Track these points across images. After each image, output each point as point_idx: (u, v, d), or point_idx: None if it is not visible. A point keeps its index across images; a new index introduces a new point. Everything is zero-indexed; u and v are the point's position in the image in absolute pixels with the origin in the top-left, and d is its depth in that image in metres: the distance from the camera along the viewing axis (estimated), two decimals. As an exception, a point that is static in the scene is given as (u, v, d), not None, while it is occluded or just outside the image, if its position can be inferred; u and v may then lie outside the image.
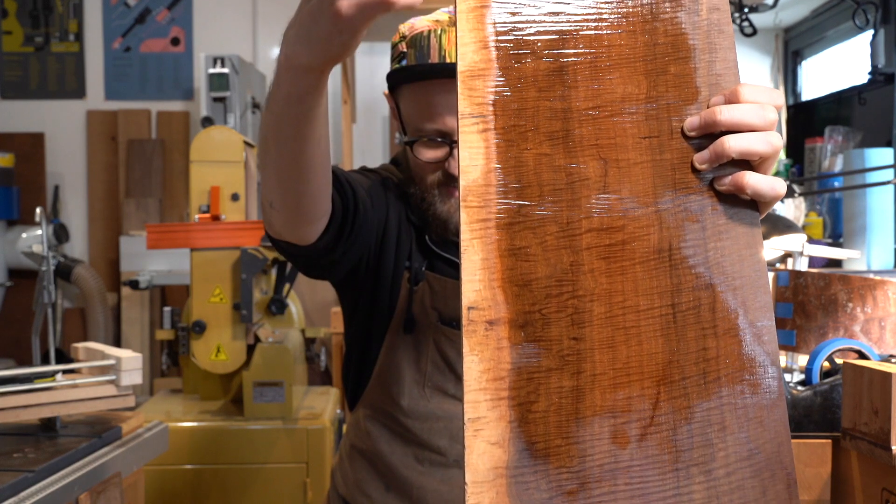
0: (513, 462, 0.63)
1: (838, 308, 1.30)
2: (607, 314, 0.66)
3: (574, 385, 0.65)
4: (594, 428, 0.64)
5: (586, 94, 0.68)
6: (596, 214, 0.67)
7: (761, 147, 0.69)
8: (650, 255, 0.67)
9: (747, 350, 0.67)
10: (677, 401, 0.66)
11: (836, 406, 1.14)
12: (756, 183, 0.68)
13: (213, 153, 2.42)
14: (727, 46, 0.70)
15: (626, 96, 0.69)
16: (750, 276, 0.68)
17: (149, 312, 4.19)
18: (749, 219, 0.69)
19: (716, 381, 0.67)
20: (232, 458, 2.33)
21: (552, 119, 0.67)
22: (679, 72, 0.70)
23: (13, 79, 4.50)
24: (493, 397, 0.63)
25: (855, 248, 2.12)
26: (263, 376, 2.36)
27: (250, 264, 2.33)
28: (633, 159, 0.68)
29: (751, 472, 0.66)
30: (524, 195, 0.66)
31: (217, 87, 3.61)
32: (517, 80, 0.68)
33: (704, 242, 0.68)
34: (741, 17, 2.82)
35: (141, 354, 1.43)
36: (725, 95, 0.70)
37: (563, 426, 0.64)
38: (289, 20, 0.79)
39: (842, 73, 3.00)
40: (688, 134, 0.69)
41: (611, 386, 0.65)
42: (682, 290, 0.67)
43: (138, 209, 4.29)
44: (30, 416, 1.35)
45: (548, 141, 0.67)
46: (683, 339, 0.67)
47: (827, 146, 2.67)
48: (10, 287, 4.26)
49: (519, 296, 0.65)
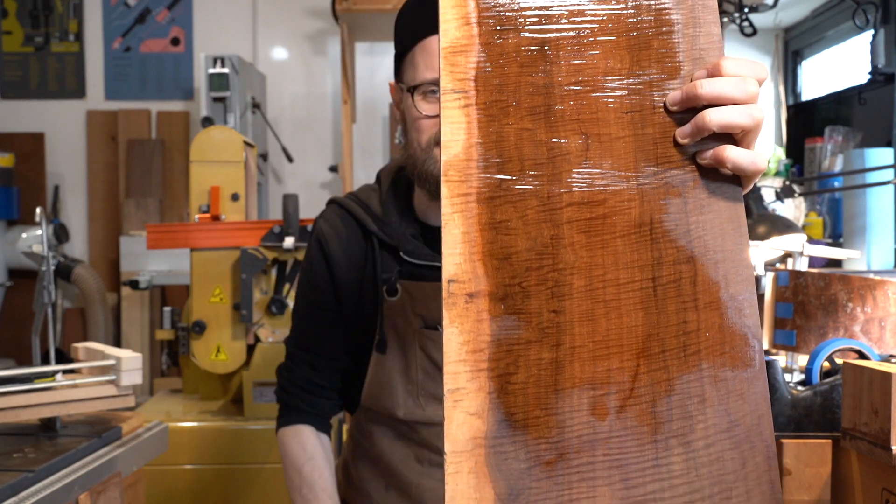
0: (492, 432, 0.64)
1: (838, 308, 1.30)
2: (587, 287, 0.66)
3: (553, 357, 0.65)
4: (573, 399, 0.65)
5: (568, 69, 0.68)
6: (577, 189, 0.67)
7: (742, 120, 0.68)
8: (631, 229, 0.67)
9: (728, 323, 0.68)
10: (657, 373, 0.66)
11: (836, 406, 1.14)
12: (736, 157, 0.68)
13: (213, 153, 2.41)
14: (711, 21, 0.70)
15: (608, 71, 0.69)
16: (732, 249, 0.68)
17: (149, 312, 4.19)
18: (731, 193, 0.69)
19: (696, 354, 0.67)
20: (232, 458, 2.33)
21: (534, 94, 0.68)
22: (662, 46, 0.69)
23: (13, 79, 4.50)
24: (473, 368, 0.65)
25: (855, 248, 2.12)
26: (263, 376, 2.36)
27: (250, 264, 2.33)
28: (615, 134, 0.68)
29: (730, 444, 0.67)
30: (505, 169, 0.67)
31: (217, 87, 3.61)
32: (499, 55, 0.68)
33: (686, 216, 0.68)
34: (741, 17, 2.82)
35: (141, 354, 1.43)
36: (708, 69, 0.69)
37: (542, 397, 0.65)
38: (288, 20, 0.80)
39: (842, 73, 3.00)
40: (670, 108, 0.69)
41: (590, 358, 0.66)
42: (662, 264, 0.67)
43: (138, 209, 4.29)
44: (30, 416, 1.35)
45: (529, 116, 0.68)
46: (664, 312, 0.67)
47: (827, 146, 2.67)
48: (10, 287, 4.26)
49: (499, 269, 0.66)
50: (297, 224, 2.34)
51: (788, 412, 1.15)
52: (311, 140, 4.49)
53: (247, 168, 2.48)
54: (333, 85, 4.46)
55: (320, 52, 4.47)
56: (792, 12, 3.11)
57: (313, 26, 4.43)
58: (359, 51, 4.23)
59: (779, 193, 2.10)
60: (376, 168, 1.83)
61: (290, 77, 4.47)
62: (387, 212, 1.30)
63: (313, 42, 4.46)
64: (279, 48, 4.46)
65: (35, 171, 4.40)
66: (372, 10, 3.50)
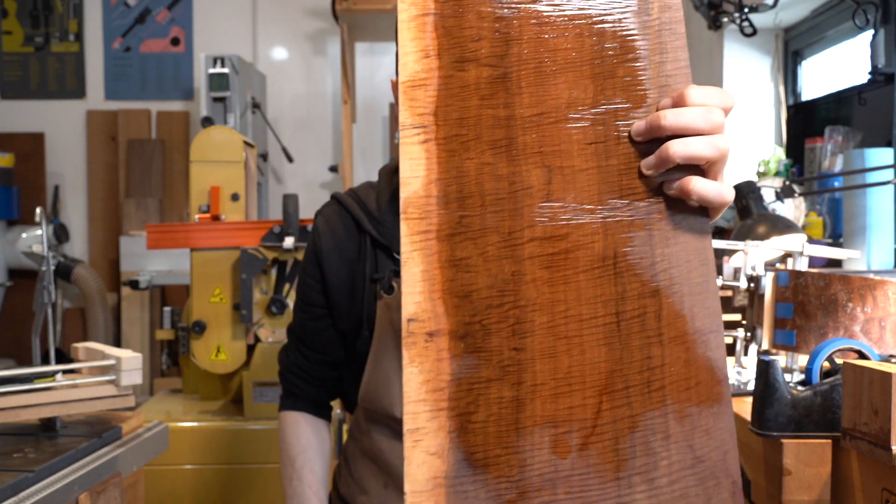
0: (451, 472, 0.63)
1: (838, 308, 1.30)
2: (549, 324, 0.65)
3: (514, 395, 0.64)
4: (534, 438, 0.64)
5: (531, 100, 0.67)
6: (539, 223, 0.66)
7: (706, 151, 0.67)
8: (595, 264, 0.66)
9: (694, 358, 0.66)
10: (620, 410, 0.65)
11: (836, 406, 1.14)
12: (702, 189, 0.66)
13: (213, 153, 2.42)
14: (678, 47, 0.68)
15: (571, 101, 0.67)
16: (698, 282, 0.67)
17: (149, 312, 4.19)
18: (698, 225, 0.68)
19: (660, 390, 0.66)
20: (232, 458, 2.33)
21: (495, 127, 0.66)
22: (627, 74, 0.68)
23: (13, 79, 4.50)
24: (433, 408, 0.64)
25: (855, 248, 2.12)
26: (263, 376, 2.36)
27: (250, 264, 2.33)
28: (578, 166, 0.67)
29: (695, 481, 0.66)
30: (465, 205, 0.65)
31: (217, 87, 3.62)
32: (460, 88, 0.66)
33: (651, 249, 0.67)
34: (741, 17, 2.82)
35: (141, 354, 1.43)
36: (673, 98, 0.68)
37: (502, 436, 0.64)
38: (288, 20, 0.80)
39: (842, 73, 3.00)
40: (635, 139, 0.67)
41: (551, 396, 0.65)
42: (627, 298, 0.66)
43: (138, 209, 4.29)
44: (30, 416, 1.35)
45: (490, 150, 0.66)
46: (627, 347, 0.66)
47: (827, 146, 2.67)
48: (10, 287, 4.26)
49: (459, 307, 0.65)
50: (297, 224, 2.34)
51: (788, 412, 1.15)
52: (311, 140, 4.49)
53: (247, 168, 2.48)
54: (333, 85, 4.46)
55: (320, 52, 4.47)
56: (792, 12, 3.11)
57: (313, 26, 4.43)
58: (359, 51, 4.23)
59: (779, 193, 2.10)
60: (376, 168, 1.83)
61: (290, 77, 4.47)
62: (383, 211, 1.31)
63: (313, 42, 4.46)
64: (279, 48, 4.46)
65: (35, 171, 4.40)
66: (372, 10, 3.50)
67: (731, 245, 1.53)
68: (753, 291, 1.49)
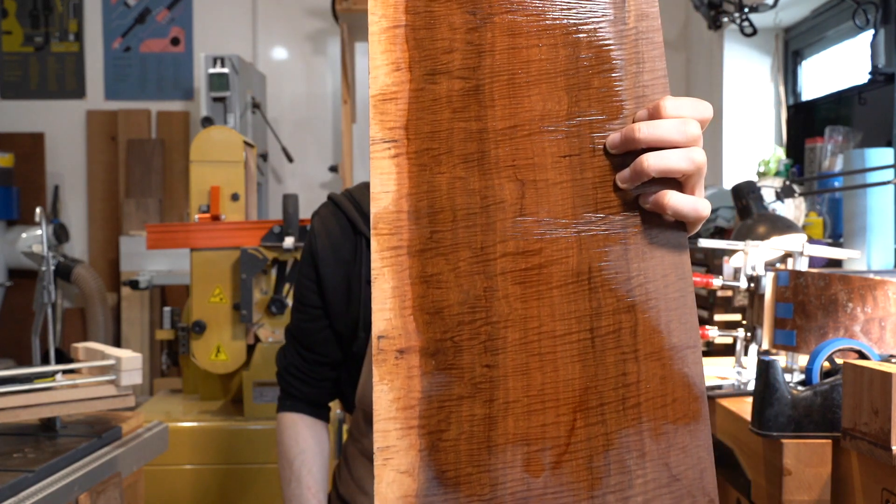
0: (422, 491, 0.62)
1: (838, 308, 1.30)
2: (522, 340, 0.64)
3: (486, 413, 0.64)
4: (507, 456, 0.63)
5: (503, 113, 0.66)
6: (511, 238, 0.65)
7: (682, 165, 0.65)
8: (569, 279, 0.65)
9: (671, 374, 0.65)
10: (594, 427, 0.64)
11: (836, 406, 1.14)
12: (677, 203, 0.65)
13: (213, 153, 2.42)
14: (655, 56, 0.67)
15: (545, 114, 0.66)
16: (675, 297, 0.66)
17: (149, 312, 4.19)
18: (675, 239, 0.66)
19: (636, 407, 0.65)
20: (232, 458, 2.33)
21: (467, 140, 0.65)
22: (603, 85, 0.66)
23: (13, 79, 4.50)
24: (404, 426, 0.63)
25: (855, 248, 2.12)
26: (263, 376, 2.36)
27: (250, 264, 2.33)
28: (552, 179, 0.65)
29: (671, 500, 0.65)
30: (437, 220, 0.65)
31: (217, 87, 3.62)
32: (431, 101, 0.65)
33: (627, 264, 0.66)
34: (741, 17, 2.82)
35: (141, 354, 1.43)
36: (649, 110, 0.67)
37: (474, 454, 0.63)
38: (288, 20, 0.79)
39: (842, 73, 3.00)
40: (610, 151, 0.66)
41: (524, 413, 0.64)
42: (602, 314, 0.65)
43: (138, 209, 4.30)
44: (30, 416, 1.35)
45: (462, 164, 0.65)
46: (602, 364, 0.65)
47: (827, 146, 2.67)
48: (10, 287, 4.26)
49: (430, 324, 0.64)
50: (297, 224, 2.34)
51: (788, 412, 1.15)
52: (311, 140, 4.49)
53: (247, 168, 2.48)
54: (333, 85, 4.46)
55: (320, 52, 4.47)
56: (792, 12, 3.11)
57: (313, 26, 4.43)
58: (359, 51, 4.23)
59: (779, 193, 2.10)
60: (376, 168, 1.83)
61: (290, 77, 4.47)
62: None
63: (313, 42, 4.46)
64: (279, 48, 4.46)
65: (35, 171, 4.40)
66: (372, 10, 3.49)
67: (731, 245, 1.53)
68: (753, 291, 1.49)
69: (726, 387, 1.47)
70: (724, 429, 1.38)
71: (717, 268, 2.14)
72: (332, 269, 1.31)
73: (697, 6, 3.05)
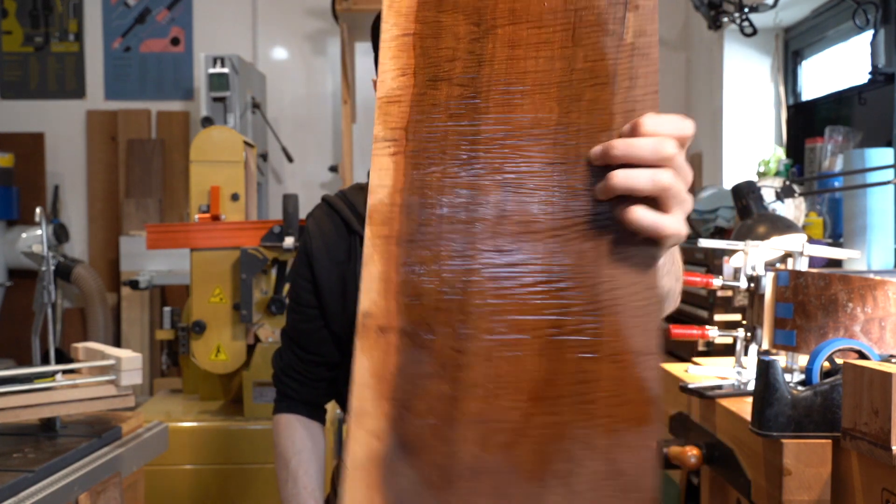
0: (388, 453, 0.69)
1: (838, 308, 1.30)
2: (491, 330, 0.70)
3: (451, 392, 0.69)
4: (465, 432, 0.69)
5: (497, 120, 0.71)
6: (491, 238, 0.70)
7: (642, 184, 0.67)
8: (540, 278, 0.70)
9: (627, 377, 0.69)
10: (549, 417, 0.69)
11: (836, 406, 1.14)
12: (637, 218, 0.67)
13: (213, 153, 2.42)
14: (649, 72, 0.70)
15: (536, 122, 0.70)
16: (640, 305, 0.69)
17: (149, 312, 4.19)
18: (647, 251, 0.70)
19: (591, 404, 0.69)
20: (232, 458, 2.33)
21: (460, 144, 0.71)
22: (594, 98, 0.70)
23: (13, 79, 4.50)
24: (377, 395, 0.69)
25: (855, 248, 2.12)
26: (263, 376, 2.36)
27: (250, 264, 2.33)
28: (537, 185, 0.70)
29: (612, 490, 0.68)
30: (425, 216, 0.71)
31: (217, 87, 3.62)
32: (430, 105, 0.71)
33: (598, 269, 0.69)
34: (741, 17, 2.82)
35: (141, 354, 1.43)
36: (631, 126, 0.69)
37: (437, 427, 0.69)
38: (288, 20, 0.82)
39: (842, 73, 3.00)
40: (593, 162, 0.70)
41: (485, 396, 0.69)
42: (568, 313, 0.69)
43: (138, 209, 4.30)
44: (30, 416, 1.35)
45: (454, 165, 0.71)
46: (562, 360, 0.69)
47: (827, 146, 2.67)
48: (10, 287, 4.26)
49: (410, 307, 0.70)
50: (297, 224, 2.34)
51: (788, 412, 1.15)
52: (311, 140, 4.49)
53: (247, 168, 2.48)
54: (333, 85, 4.46)
55: (320, 52, 4.47)
56: (792, 12, 3.11)
57: (313, 26, 4.43)
58: (359, 51, 4.23)
59: (779, 193, 2.10)
60: (376, 168, 1.83)
61: (290, 77, 4.47)
62: None
63: (313, 42, 4.46)
64: (279, 48, 4.47)
65: (35, 171, 4.40)
66: (372, 10, 3.50)
67: (731, 245, 1.53)
68: (753, 291, 1.49)
69: (726, 387, 1.47)
70: (724, 429, 1.38)
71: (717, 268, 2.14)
72: (328, 270, 1.31)
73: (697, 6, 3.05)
